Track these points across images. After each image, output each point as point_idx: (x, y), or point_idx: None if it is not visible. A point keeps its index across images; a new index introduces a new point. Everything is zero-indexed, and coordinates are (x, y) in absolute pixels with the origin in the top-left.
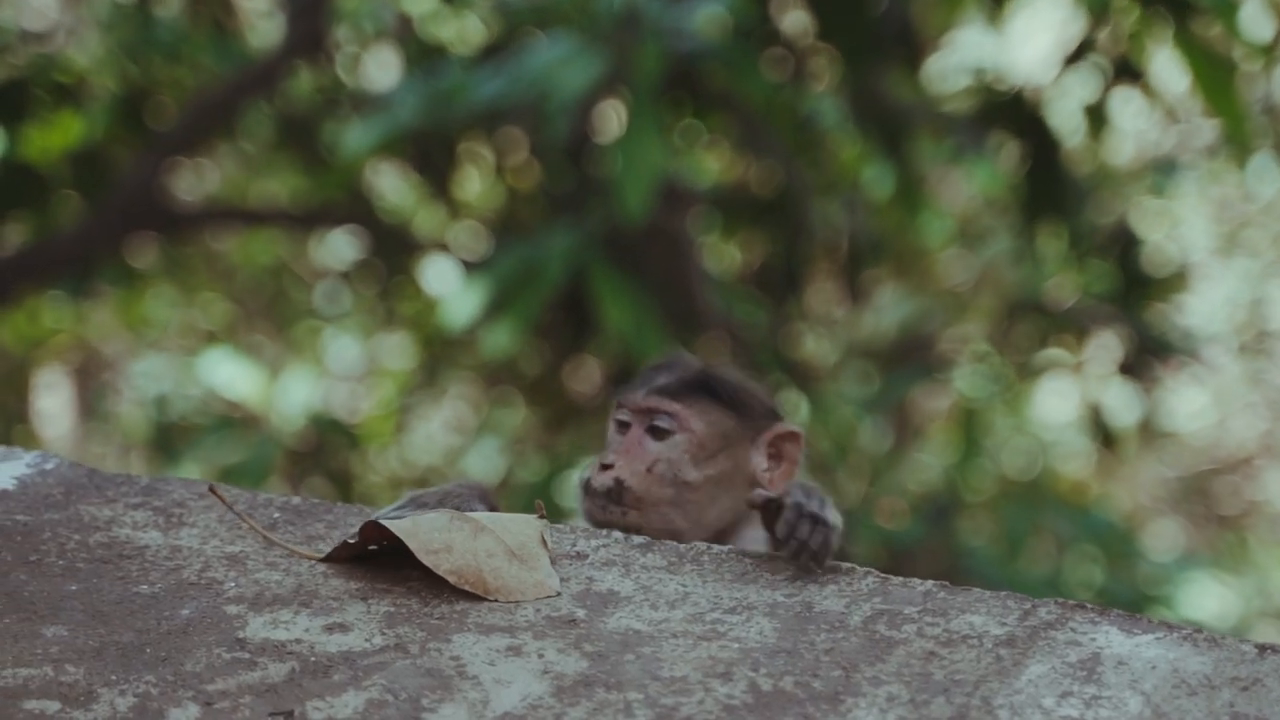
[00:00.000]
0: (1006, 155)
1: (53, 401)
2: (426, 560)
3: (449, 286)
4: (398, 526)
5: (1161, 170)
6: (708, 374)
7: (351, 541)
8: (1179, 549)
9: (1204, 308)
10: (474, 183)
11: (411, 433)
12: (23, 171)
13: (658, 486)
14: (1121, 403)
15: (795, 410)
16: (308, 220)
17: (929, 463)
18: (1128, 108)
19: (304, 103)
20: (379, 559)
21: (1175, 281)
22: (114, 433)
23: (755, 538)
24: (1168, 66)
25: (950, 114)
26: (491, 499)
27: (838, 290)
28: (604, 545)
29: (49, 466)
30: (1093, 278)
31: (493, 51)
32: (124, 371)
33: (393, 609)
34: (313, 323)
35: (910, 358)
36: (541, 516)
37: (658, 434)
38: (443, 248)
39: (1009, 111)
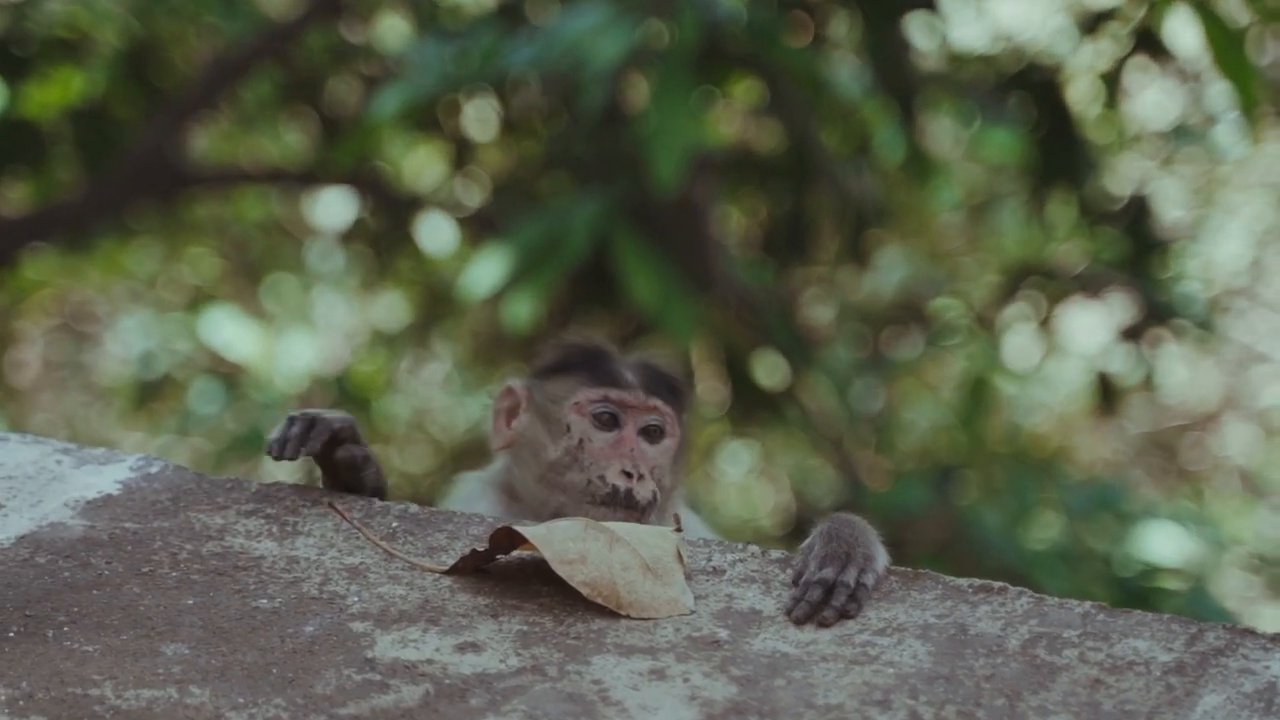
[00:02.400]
0: (1022, 122)
1: (32, 355)
2: (561, 571)
3: (448, 246)
4: (533, 534)
5: (1175, 137)
6: (673, 372)
7: (481, 549)
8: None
9: (1197, 270)
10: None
11: (404, 393)
12: (22, 128)
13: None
14: (1124, 366)
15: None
16: (309, 180)
17: (930, 428)
18: (1144, 76)
19: (314, 64)
20: (504, 571)
21: (1182, 248)
22: (96, 387)
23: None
24: (1184, 33)
25: (968, 80)
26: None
27: (842, 253)
28: (741, 560)
29: (154, 470)
30: (1102, 244)
31: (507, 13)
32: (110, 327)
33: (526, 627)
34: (306, 281)
35: (912, 322)
36: (678, 530)
37: (651, 435)
38: (446, 207)
39: (1026, 79)
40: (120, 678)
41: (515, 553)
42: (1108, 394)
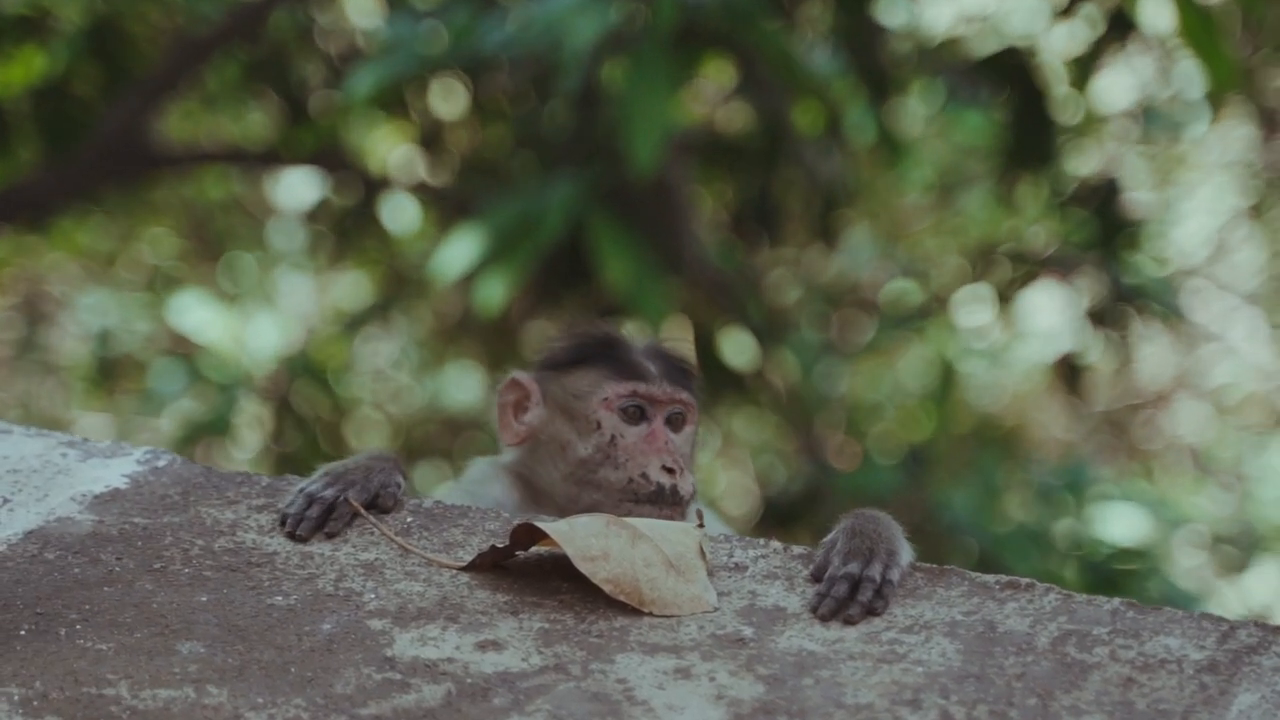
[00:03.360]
0: (995, 104)
1: None
2: (584, 567)
3: (412, 226)
4: (554, 530)
5: (1148, 120)
6: (685, 358)
7: (500, 546)
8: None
9: (1160, 250)
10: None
11: (364, 372)
12: None
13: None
14: (1090, 347)
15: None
16: (273, 159)
17: (898, 409)
18: (1117, 59)
19: (281, 43)
20: (522, 568)
21: (1150, 229)
22: (54, 367)
23: None
24: (1158, 17)
25: (940, 62)
26: (403, 467)
27: (810, 234)
28: (763, 556)
29: (161, 463)
30: (1072, 226)
31: None
32: (69, 306)
33: (547, 625)
34: (268, 260)
35: (879, 304)
36: (700, 526)
37: (674, 424)
38: (411, 187)
39: (998, 61)
40: (136, 677)
41: (533, 548)
42: (1072, 375)
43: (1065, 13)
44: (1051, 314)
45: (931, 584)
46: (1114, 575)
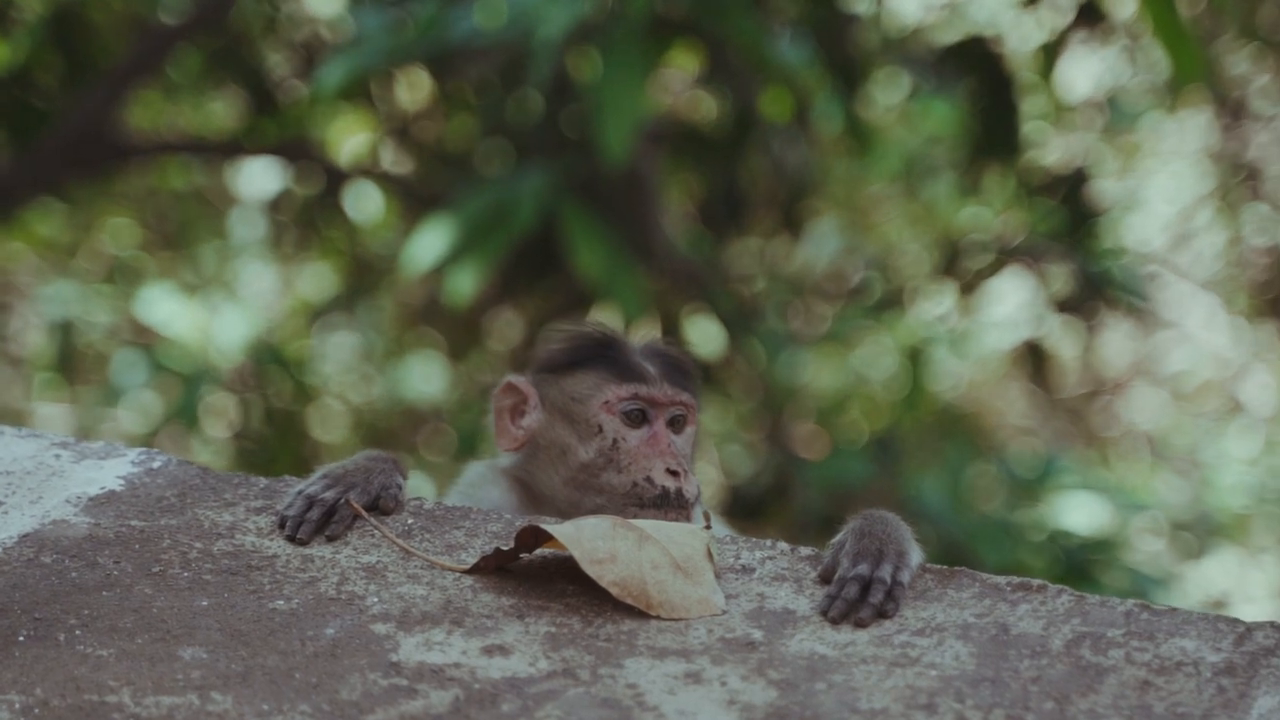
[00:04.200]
0: (962, 94)
1: None
2: (590, 570)
3: (375, 215)
4: (561, 533)
5: (1115, 109)
6: (684, 357)
7: (505, 549)
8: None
9: (1123, 239)
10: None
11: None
12: None
13: None
14: (1056, 337)
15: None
16: (237, 150)
17: (866, 399)
18: (1084, 48)
19: (245, 34)
20: (525, 570)
21: (1120, 219)
22: (14, 358)
23: None
24: (1124, 6)
25: (908, 51)
26: (402, 467)
27: (777, 224)
28: (770, 557)
29: (156, 465)
30: (1039, 215)
31: None
32: (29, 297)
33: (553, 629)
34: (230, 250)
35: (847, 293)
36: (707, 527)
37: (676, 426)
38: (376, 177)
39: (966, 50)
40: (138, 683)
41: (537, 551)
42: (1037, 362)
43: (1033, 1)
44: (1016, 302)
45: (941, 585)
46: (1085, 565)
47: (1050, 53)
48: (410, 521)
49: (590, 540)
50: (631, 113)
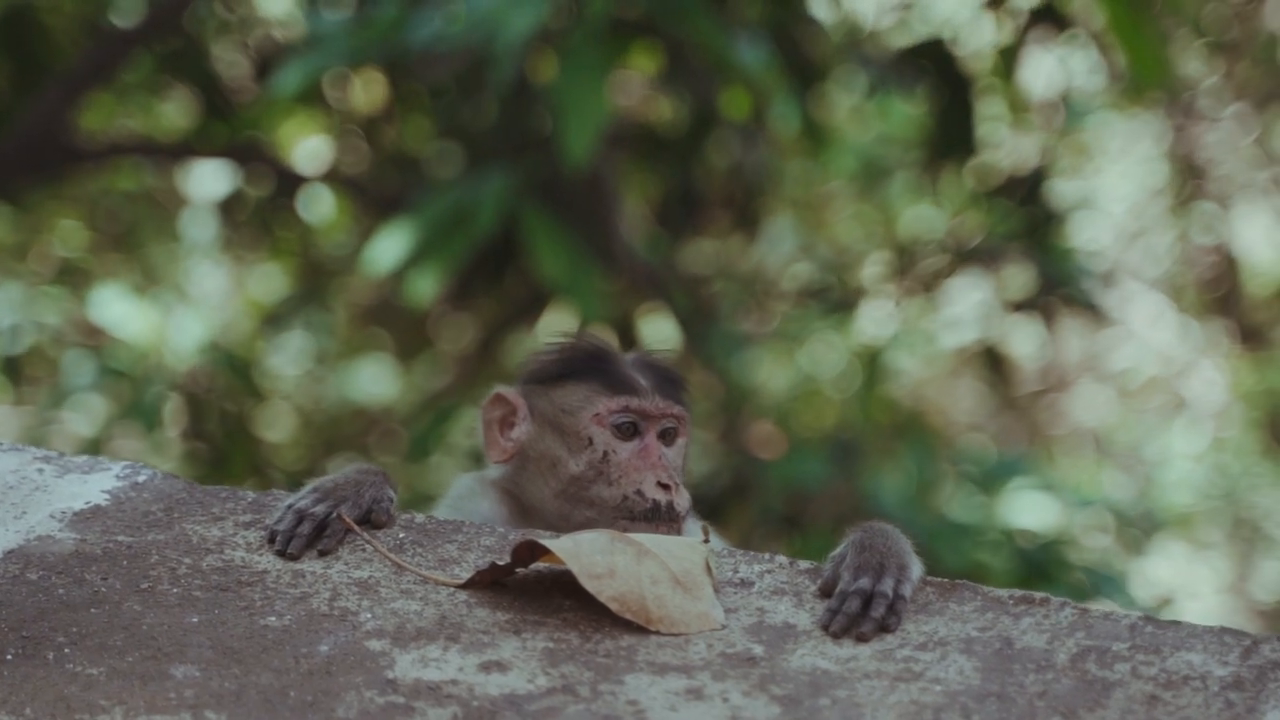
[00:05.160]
0: (920, 95)
1: None
2: (589, 585)
3: (327, 217)
4: (559, 547)
5: (1073, 110)
6: (674, 369)
7: (501, 563)
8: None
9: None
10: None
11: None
12: None
13: None
14: (1018, 338)
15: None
16: (189, 152)
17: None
18: (1044, 49)
19: (197, 36)
20: (521, 585)
21: (1078, 220)
22: None
23: None
24: (1086, 7)
25: (867, 52)
26: (392, 480)
27: (732, 224)
28: (769, 571)
29: (141, 479)
30: (998, 217)
31: None
32: None
33: (551, 644)
34: (181, 252)
35: (803, 294)
36: (706, 541)
37: (667, 438)
38: (329, 179)
39: (925, 51)
40: (130, 703)
41: (532, 565)
42: (993, 362)
43: (995, 4)
44: (972, 303)
45: (943, 599)
46: (1045, 566)
47: (1009, 55)
48: (402, 535)
49: (588, 555)
50: (593, 115)
